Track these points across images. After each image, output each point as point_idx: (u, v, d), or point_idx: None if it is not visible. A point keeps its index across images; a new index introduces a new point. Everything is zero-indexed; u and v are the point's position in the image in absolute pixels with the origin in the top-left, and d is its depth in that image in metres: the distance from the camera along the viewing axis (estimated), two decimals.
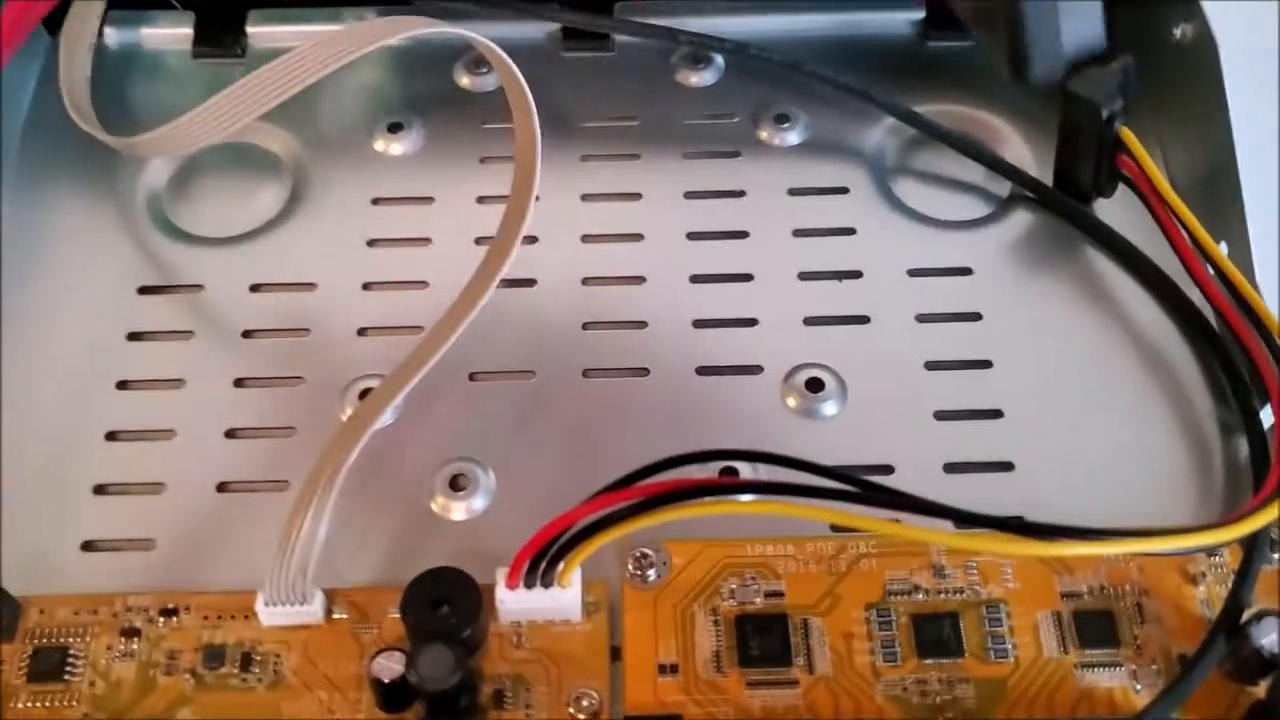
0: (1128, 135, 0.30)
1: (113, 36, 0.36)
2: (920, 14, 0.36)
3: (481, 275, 0.29)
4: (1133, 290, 0.31)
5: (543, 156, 0.29)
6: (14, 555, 0.27)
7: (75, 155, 0.33)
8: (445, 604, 0.24)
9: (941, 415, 0.29)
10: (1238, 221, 0.30)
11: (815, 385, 0.29)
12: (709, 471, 0.27)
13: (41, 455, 0.29)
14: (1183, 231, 0.30)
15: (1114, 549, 0.25)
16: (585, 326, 0.31)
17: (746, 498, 0.25)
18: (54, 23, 0.35)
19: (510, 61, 0.28)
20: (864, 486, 0.24)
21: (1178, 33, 0.32)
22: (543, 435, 0.29)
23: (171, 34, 0.36)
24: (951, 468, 0.28)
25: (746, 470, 0.28)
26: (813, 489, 0.23)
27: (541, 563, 0.24)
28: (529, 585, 0.25)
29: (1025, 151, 0.34)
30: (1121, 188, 0.31)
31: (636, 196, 0.33)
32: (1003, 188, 0.33)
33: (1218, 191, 0.31)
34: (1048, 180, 0.33)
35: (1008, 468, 0.29)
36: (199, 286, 0.31)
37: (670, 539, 0.26)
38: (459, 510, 0.28)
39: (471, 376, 0.30)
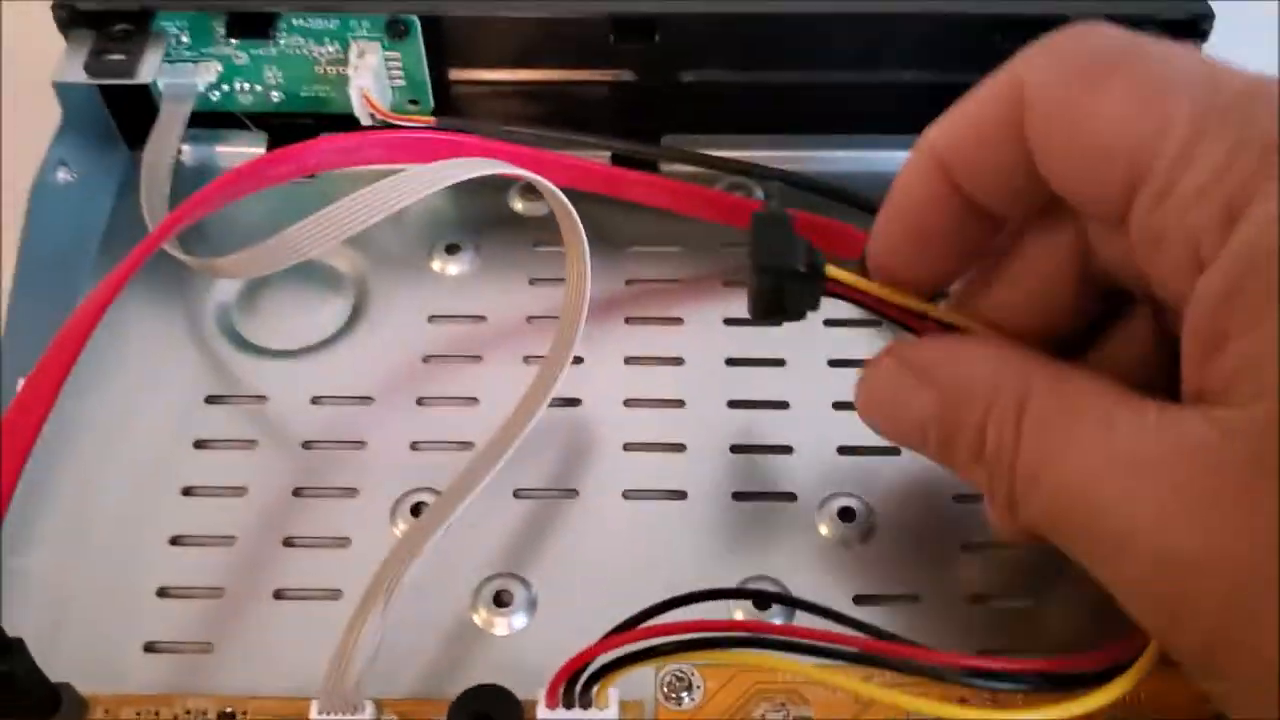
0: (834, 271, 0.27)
1: (189, 154, 0.38)
2: None
3: (532, 396, 0.31)
4: None
5: (590, 281, 0.31)
6: (78, 654, 0.28)
7: (149, 268, 0.35)
8: None
9: (968, 548, 0.30)
10: None
11: (847, 515, 0.31)
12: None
13: (108, 557, 0.30)
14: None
15: None
16: (626, 448, 0.32)
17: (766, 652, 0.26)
18: (134, 139, 0.38)
19: (566, 200, 0.30)
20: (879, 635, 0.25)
21: None
22: (584, 554, 0.30)
23: (245, 153, 0.38)
24: (976, 599, 0.30)
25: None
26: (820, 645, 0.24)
27: (577, 685, 0.25)
28: (567, 706, 0.26)
29: None
30: None
31: (679, 321, 0.35)
32: None
33: None
34: None
35: (1032, 600, 0.29)
36: (263, 397, 0.33)
37: (701, 665, 0.27)
38: (501, 625, 0.29)
39: (516, 494, 0.31)
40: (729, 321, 0.35)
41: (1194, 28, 0.34)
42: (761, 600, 0.29)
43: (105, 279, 0.27)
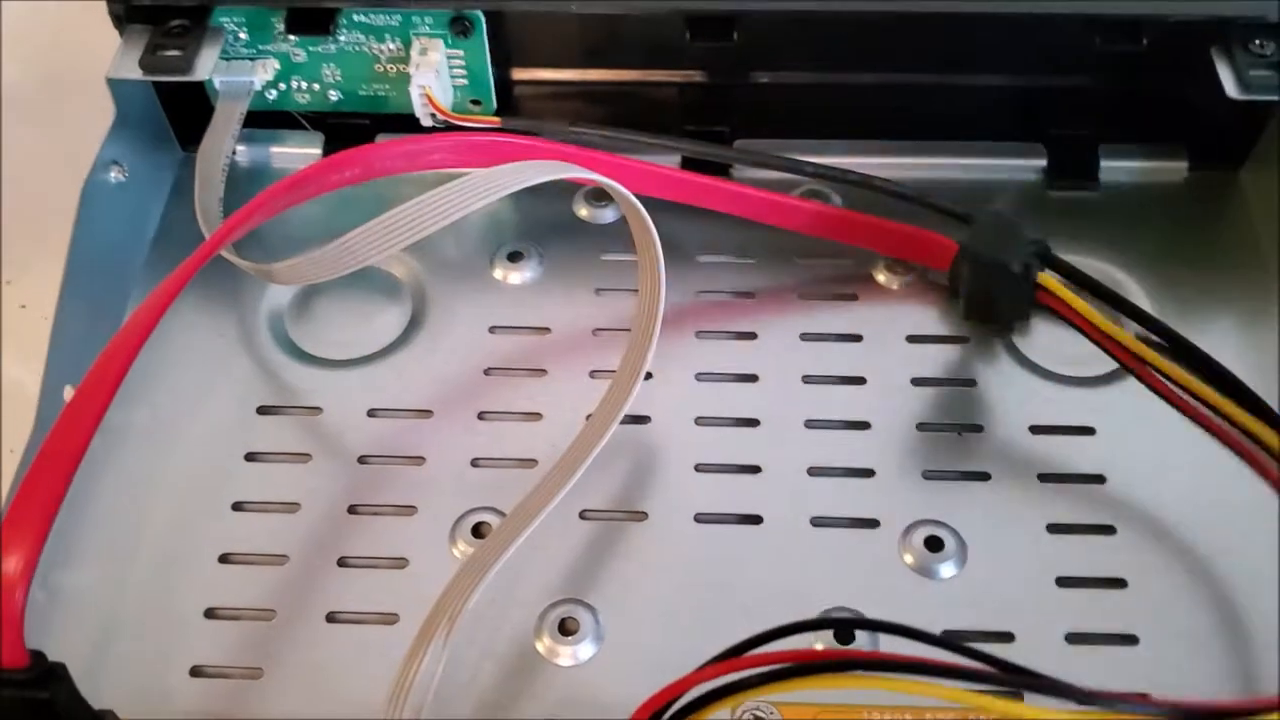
0: (1047, 280, 0.30)
1: (243, 154, 0.37)
2: (1043, 161, 0.36)
3: (603, 413, 0.29)
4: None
5: (665, 293, 0.30)
6: (122, 677, 0.27)
7: (201, 271, 0.34)
8: None
9: (1063, 582, 0.28)
10: None
11: (934, 544, 0.29)
12: (826, 635, 0.27)
13: (155, 574, 0.29)
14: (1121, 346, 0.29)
15: None
16: (698, 469, 0.31)
17: (865, 672, 0.24)
18: (187, 138, 0.37)
19: (641, 207, 0.28)
20: (989, 662, 0.23)
21: None
22: (653, 580, 0.29)
23: (301, 154, 0.37)
24: (1073, 638, 0.28)
25: (864, 636, 0.27)
26: (933, 666, 0.23)
27: None
28: None
29: (1146, 304, 0.33)
30: None
31: (752, 336, 0.33)
32: None
33: None
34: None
35: (1131, 641, 0.28)
36: (317, 409, 0.32)
37: (782, 702, 0.26)
38: (566, 655, 0.27)
39: (583, 515, 0.30)
40: (806, 337, 0.33)
41: None
42: (845, 633, 0.27)
43: (159, 286, 0.26)
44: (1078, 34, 0.34)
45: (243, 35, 0.35)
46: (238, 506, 0.30)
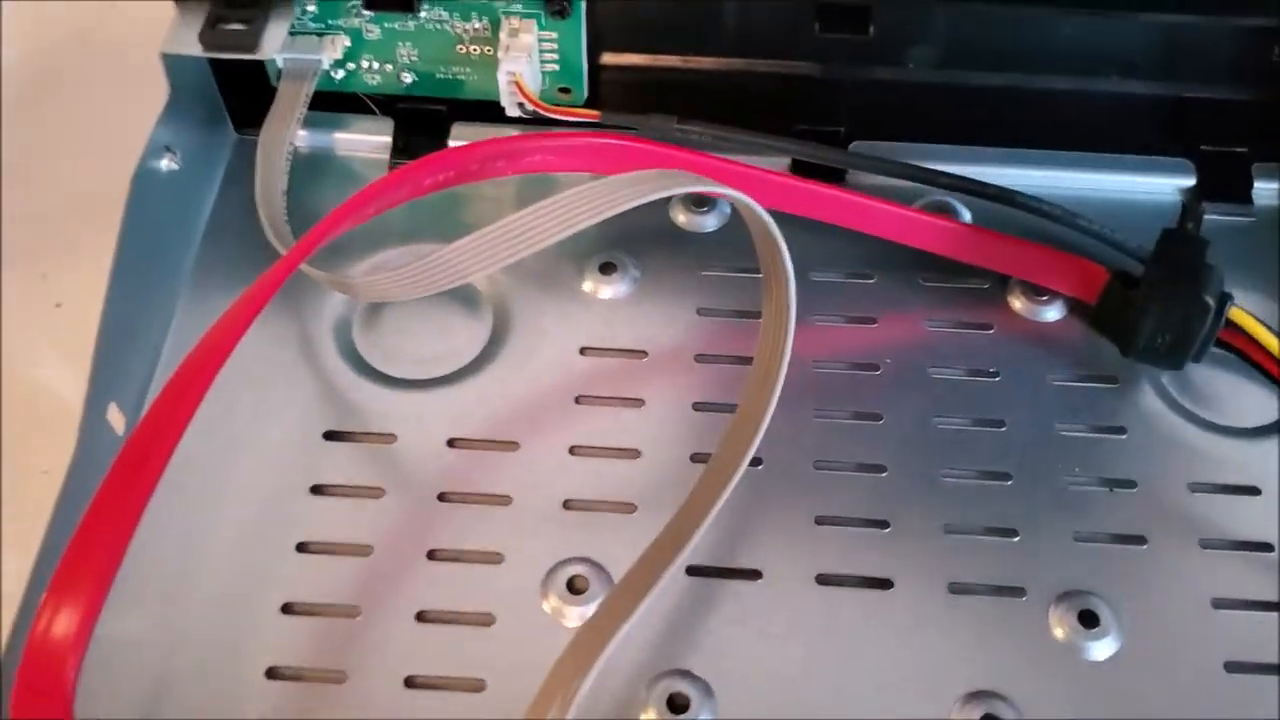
0: (1241, 316, 0.28)
1: (303, 140, 0.33)
2: (1191, 180, 0.32)
3: (720, 467, 0.26)
4: None
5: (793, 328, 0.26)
6: None
7: (257, 267, 0.30)
8: None
9: (1232, 667, 0.25)
10: None
11: (1088, 619, 0.26)
12: None
13: (213, 625, 0.26)
14: None
15: None
16: (818, 521, 0.27)
17: None
18: (241, 120, 0.33)
19: (773, 226, 0.25)
20: None
21: None
22: (770, 652, 0.25)
23: (368, 140, 0.33)
24: None
25: None
26: None
27: None
28: None
29: None
30: None
31: (874, 369, 0.30)
32: None
33: None
34: None
35: None
36: (391, 436, 0.28)
37: None
38: None
39: (689, 571, 0.26)
40: (935, 369, 0.29)
41: None
42: None
43: (235, 305, 0.23)
44: (1244, 42, 0.30)
45: (311, 7, 0.31)
46: (302, 548, 0.27)
